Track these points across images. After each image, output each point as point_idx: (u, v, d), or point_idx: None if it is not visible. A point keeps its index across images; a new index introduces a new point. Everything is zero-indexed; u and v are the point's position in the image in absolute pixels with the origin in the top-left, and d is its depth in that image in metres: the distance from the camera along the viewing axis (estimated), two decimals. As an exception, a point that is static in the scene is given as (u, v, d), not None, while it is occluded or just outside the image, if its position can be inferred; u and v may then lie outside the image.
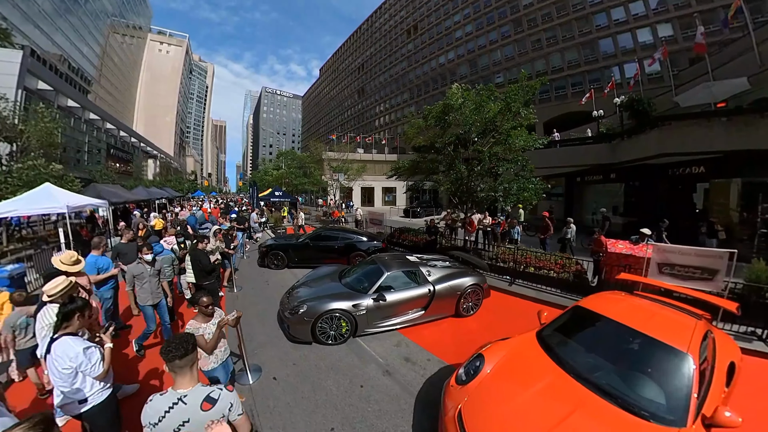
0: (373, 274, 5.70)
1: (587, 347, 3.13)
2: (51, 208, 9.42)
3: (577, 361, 2.90)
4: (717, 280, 5.08)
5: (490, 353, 3.13)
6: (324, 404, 3.60)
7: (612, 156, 14.86)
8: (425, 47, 50.21)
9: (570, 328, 3.46)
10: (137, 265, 4.57)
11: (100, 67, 50.30)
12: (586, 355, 3.03)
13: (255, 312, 6.15)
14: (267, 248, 9.45)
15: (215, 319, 3.11)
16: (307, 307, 4.79)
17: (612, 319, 3.15)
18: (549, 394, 2.56)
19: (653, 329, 2.88)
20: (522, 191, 9.41)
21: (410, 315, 5.51)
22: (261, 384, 3.92)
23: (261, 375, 4.07)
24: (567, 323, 3.52)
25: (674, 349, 2.66)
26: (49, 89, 26.30)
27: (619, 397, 2.43)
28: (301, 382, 3.98)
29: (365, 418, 3.40)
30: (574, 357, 2.98)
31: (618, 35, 29.30)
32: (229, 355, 3.21)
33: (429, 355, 4.69)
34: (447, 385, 3.00)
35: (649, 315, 3.21)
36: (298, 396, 3.72)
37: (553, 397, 2.53)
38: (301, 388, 3.85)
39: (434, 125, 10.53)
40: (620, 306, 3.45)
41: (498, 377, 2.83)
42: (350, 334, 4.98)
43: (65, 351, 2.22)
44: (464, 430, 2.43)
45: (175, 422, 1.62)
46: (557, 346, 3.14)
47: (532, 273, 7.77)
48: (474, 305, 6.16)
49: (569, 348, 3.17)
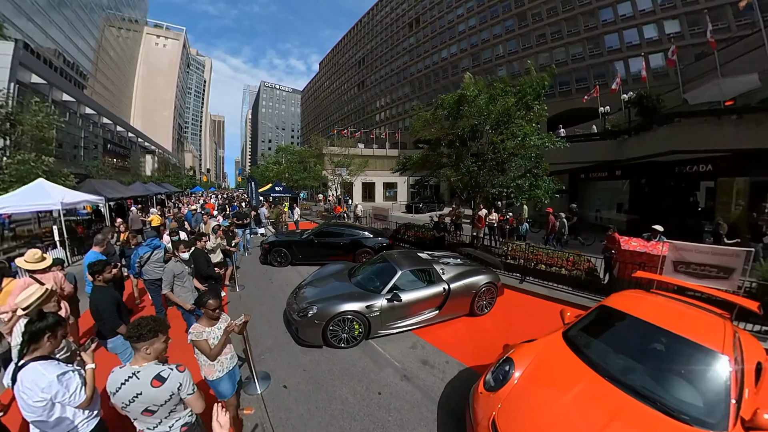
0: (385, 272, 5.41)
1: (618, 348, 3.01)
2: (45, 204, 9.11)
3: (610, 364, 2.77)
4: (733, 279, 5.01)
5: (519, 357, 2.95)
6: (341, 414, 3.32)
7: (618, 153, 14.63)
8: (427, 41, 49.45)
9: (597, 329, 3.34)
10: (176, 263, 4.31)
11: (96, 61, 49.47)
12: (618, 356, 2.91)
13: (260, 313, 5.85)
14: (270, 245, 9.13)
15: (221, 323, 2.81)
16: (317, 309, 4.48)
17: (641, 319, 3.04)
18: (586, 400, 2.42)
19: (685, 329, 2.78)
20: (534, 188, 9.23)
21: (424, 315, 5.26)
22: (271, 393, 3.62)
23: (270, 383, 3.77)
24: (594, 323, 3.39)
25: (710, 350, 2.57)
26: (43, 83, 25.71)
27: (658, 401, 2.33)
28: (314, 390, 3.69)
29: (386, 428, 3.14)
30: (605, 359, 2.85)
31: (624, 30, 28.90)
32: (236, 363, 2.91)
33: (447, 357, 4.46)
34: (475, 392, 2.82)
35: (677, 314, 3.11)
36: (312, 406, 3.43)
37: (590, 402, 2.41)
38: (314, 397, 3.56)
39: (447, 116, 10.22)
40: (647, 305, 3.33)
41: (530, 383, 2.67)
42: (363, 337, 4.69)
43: (35, 381, 1.81)
44: None
45: (129, 394, 1.78)
46: (587, 348, 3.01)
47: (542, 270, 7.57)
48: (488, 304, 5.96)
49: (599, 349, 3.03)
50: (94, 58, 48.49)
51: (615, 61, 29.38)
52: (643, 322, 3.01)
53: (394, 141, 44.52)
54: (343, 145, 28.48)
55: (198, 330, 2.66)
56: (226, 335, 2.75)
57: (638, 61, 24.81)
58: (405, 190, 40.35)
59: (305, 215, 22.15)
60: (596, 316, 3.45)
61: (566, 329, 3.35)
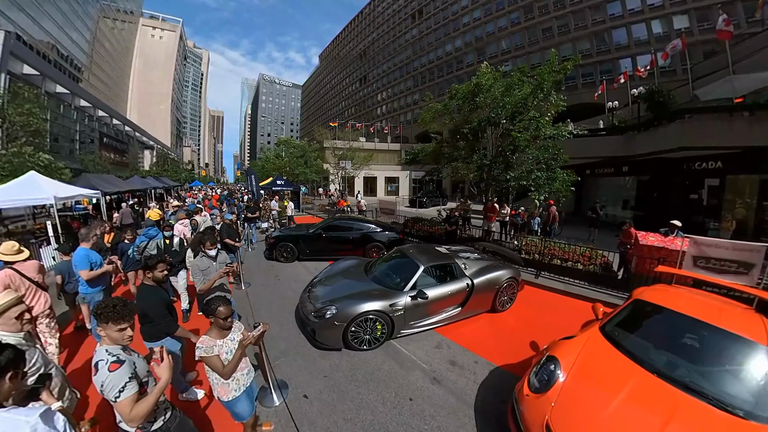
0: (405, 268, 5.02)
1: (659, 343, 2.95)
2: (37, 198, 8.67)
3: (656, 359, 2.72)
4: (752, 275, 5.00)
5: (562, 355, 2.82)
6: (372, 426, 2.95)
7: (626, 149, 14.46)
8: (430, 33, 48.38)
9: (635, 323, 3.29)
10: (202, 258, 4.02)
11: (91, 53, 48.37)
12: (661, 351, 2.84)
13: (269, 313, 5.45)
14: (275, 239, 8.71)
15: (233, 333, 2.38)
16: (336, 310, 4.08)
17: (681, 312, 3.00)
18: (640, 398, 2.34)
19: (725, 322, 2.75)
20: (551, 181, 9.01)
21: (447, 312, 4.94)
22: (290, 404, 3.22)
23: (288, 392, 3.38)
24: (631, 318, 3.32)
25: (755, 343, 2.55)
26: (35, 74, 24.94)
27: (711, 396, 2.28)
28: (339, 399, 3.30)
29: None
30: (650, 354, 2.79)
31: (632, 25, 28.29)
32: (253, 378, 2.50)
33: (475, 356, 4.20)
34: (520, 394, 2.65)
35: (713, 308, 3.08)
36: (338, 417, 3.04)
37: (645, 400, 2.33)
38: (340, 407, 3.18)
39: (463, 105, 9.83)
40: (681, 299, 3.29)
41: (579, 382, 2.55)
42: (386, 338, 4.31)
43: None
44: None
45: None
46: (628, 343, 2.94)
47: (558, 265, 7.43)
48: (509, 299, 5.72)
49: (641, 344, 2.96)
50: (88, 51, 47.38)
51: (622, 58, 28.88)
52: (683, 316, 2.95)
53: (396, 135, 43.93)
54: (345, 137, 27.89)
55: (207, 344, 2.22)
56: (241, 349, 2.33)
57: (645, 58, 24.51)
58: (407, 184, 39.91)
59: (307, 210, 21.74)
60: (632, 310, 3.37)
61: (602, 324, 3.24)
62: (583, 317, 5.22)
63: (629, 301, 3.52)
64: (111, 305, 1.73)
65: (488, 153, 9.80)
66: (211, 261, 4.07)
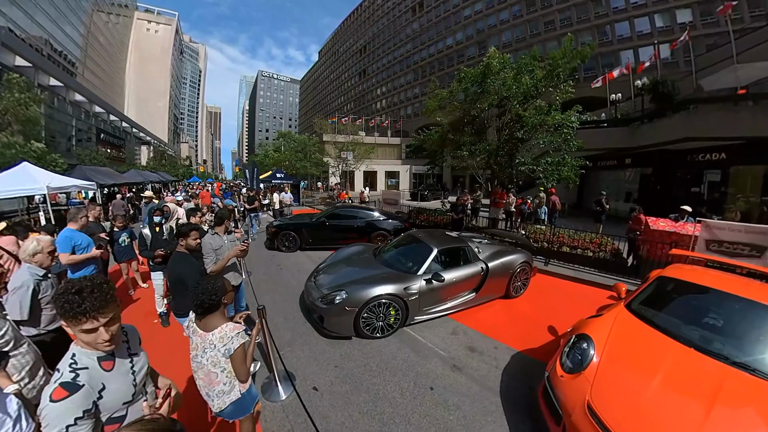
0: (418, 251, 4.72)
1: (691, 317, 2.86)
2: (30, 189, 8.35)
3: (690, 333, 2.63)
4: (765, 258, 4.95)
5: (594, 333, 2.68)
6: (392, 419, 2.64)
7: (630, 140, 14.38)
8: (431, 27, 47.58)
9: (663, 300, 3.21)
10: (214, 236, 3.65)
11: (86, 47, 47.51)
12: (695, 325, 2.75)
13: (272, 301, 5.10)
14: (277, 228, 8.36)
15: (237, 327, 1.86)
16: (347, 294, 3.75)
17: (709, 286, 2.96)
18: (683, 372, 2.25)
19: (755, 295, 2.71)
20: (560, 167, 8.91)
21: (461, 298, 4.67)
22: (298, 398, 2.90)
23: (296, 385, 3.04)
24: (657, 295, 3.24)
25: None
26: (28, 65, 24.36)
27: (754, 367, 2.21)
28: (353, 390, 2.98)
29: (450, 430, 2.57)
30: (683, 329, 2.70)
31: (635, 18, 27.96)
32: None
33: (494, 342, 3.98)
34: (554, 376, 2.49)
35: (739, 282, 3.06)
36: (353, 410, 2.72)
37: (689, 374, 2.24)
38: (355, 400, 2.86)
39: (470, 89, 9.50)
40: (705, 275, 3.25)
41: (615, 359, 2.43)
42: (400, 324, 4.00)
43: None
44: (606, 428, 1.93)
45: None
46: (659, 319, 2.85)
47: (567, 252, 7.41)
48: (522, 285, 5.49)
49: (672, 320, 2.87)
50: (83, 45, 46.55)
51: (624, 50, 28.60)
52: (712, 290, 2.92)
53: (396, 129, 43.47)
54: (345, 130, 27.45)
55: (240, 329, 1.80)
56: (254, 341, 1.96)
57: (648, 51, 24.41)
58: (407, 178, 39.59)
59: (307, 203, 21.38)
60: (656, 287, 3.29)
61: (628, 302, 3.16)
62: (598, 303, 5.16)
63: (653, 279, 3.43)
64: (70, 291, 1.13)
65: (499, 137, 9.51)
66: (223, 239, 3.73)
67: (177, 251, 2.86)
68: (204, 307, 1.78)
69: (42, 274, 2.41)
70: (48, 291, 2.38)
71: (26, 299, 2.21)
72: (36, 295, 2.29)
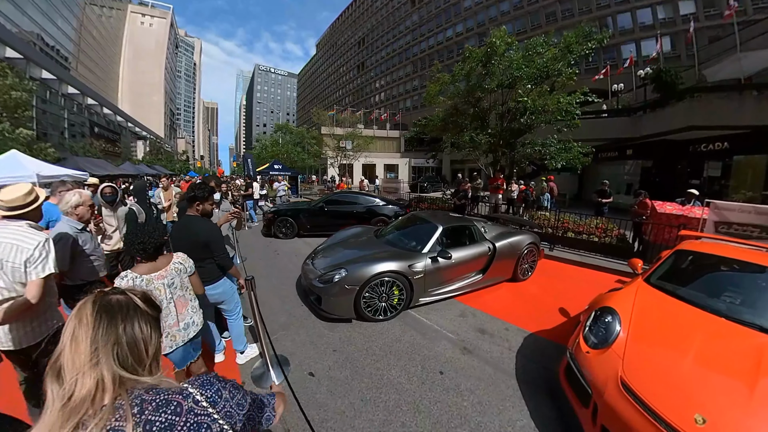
0: (422, 230, 4.41)
1: (716, 288, 2.71)
2: (18, 177, 7.99)
3: (718, 304, 2.49)
4: None
5: (617, 304, 2.51)
6: (398, 406, 2.33)
7: (632, 130, 14.32)
8: (431, 19, 46.67)
9: (684, 272, 3.09)
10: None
11: (79, 42, 46.63)
12: (721, 296, 2.60)
13: (268, 285, 4.79)
14: (274, 214, 8.02)
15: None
16: (346, 272, 3.42)
17: (730, 257, 2.86)
18: (719, 342, 2.11)
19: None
20: (564, 151, 8.87)
21: (468, 279, 4.38)
22: (293, 385, 2.55)
23: (290, 370, 2.72)
24: (677, 268, 3.13)
25: None
26: (19, 57, 23.73)
27: None
28: (354, 376, 2.66)
29: (464, 416, 2.28)
30: (709, 300, 2.55)
31: (637, 10, 27.36)
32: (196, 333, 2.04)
33: (505, 324, 3.74)
34: (579, 353, 2.27)
35: (756, 253, 2.93)
36: (355, 398, 2.40)
37: (725, 344, 2.10)
38: (356, 385, 2.54)
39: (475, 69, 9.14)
40: (723, 248, 3.15)
41: (643, 331, 2.24)
42: (404, 305, 3.67)
43: None
44: (645, 404, 1.73)
45: None
46: (682, 291, 2.71)
47: (571, 238, 7.34)
48: (530, 267, 5.24)
49: (697, 291, 2.72)
50: (76, 39, 45.67)
51: (626, 43, 28.09)
52: (734, 260, 2.83)
53: (395, 122, 42.92)
54: (344, 122, 26.99)
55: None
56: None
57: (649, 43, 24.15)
58: (406, 171, 39.16)
59: (305, 195, 21.01)
60: (675, 260, 3.19)
61: (647, 276, 3.03)
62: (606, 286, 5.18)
63: (671, 252, 3.34)
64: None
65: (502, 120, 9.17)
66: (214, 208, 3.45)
67: (190, 215, 2.58)
68: (156, 246, 1.84)
69: (80, 227, 2.46)
70: (87, 243, 2.46)
71: (66, 250, 2.26)
72: (76, 246, 2.34)
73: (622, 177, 16.54)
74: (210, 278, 2.46)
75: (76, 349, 0.63)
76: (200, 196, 2.51)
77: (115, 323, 0.68)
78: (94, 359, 0.62)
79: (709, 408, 1.62)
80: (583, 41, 8.35)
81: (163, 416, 0.63)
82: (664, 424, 1.60)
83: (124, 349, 0.67)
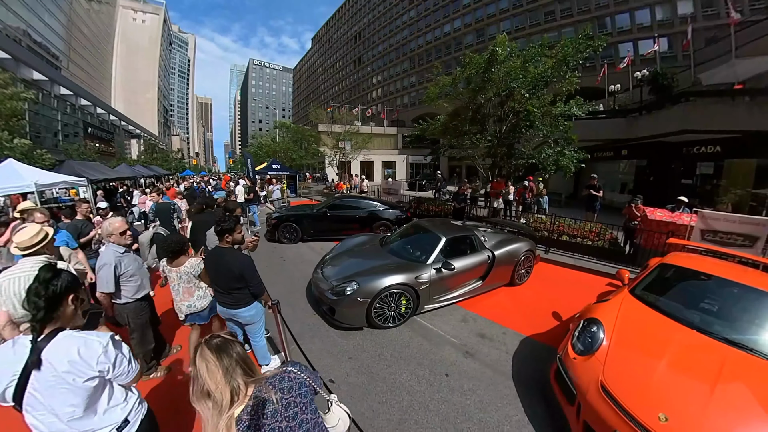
0: (425, 240, 4.71)
1: (693, 302, 3.01)
2: (17, 186, 8.02)
3: (693, 317, 2.78)
4: (756, 248, 5.20)
5: (602, 316, 2.80)
6: (411, 407, 2.67)
7: (628, 131, 14.49)
8: (429, 14, 46.41)
9: (665, 285, 3.37)
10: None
11: (69, 39, 45.80)
12: (696, 309, 2.91)
13: (278, 294, 4.99)
14: (278, 220, 8.27)
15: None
16: (358, 285, 3.72)
17: (709, 273, 3.14)
18: (689, 352, 2.40)
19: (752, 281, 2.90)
20: (559, 156, 9.02)
21: (469, 286, 4.70)
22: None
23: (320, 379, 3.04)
24: (659, 281, 3.41)
25: None
26: (7, 57, 23.38)
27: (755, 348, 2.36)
28: (370, 381, 2.98)
29: (468, 414, 2.65)
30: (686, 313, 2.85)
31: (636, 10, 27.62)
32: None
33: (502, 328, 4.08)
34: (567, 358, 2.58)
35: (735, 269, 3.28)
36: (373, 401, 2.73)
37: (694, 354, 2.40)
38: (373, 390, 2.86)
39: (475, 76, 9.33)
40: (704, 263, 3.42)
41: (624, 341, 2.54)
42: (411, 313, 4.00)
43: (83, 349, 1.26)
44: (620, 405, 2.04)
45: None
46: (662, 304, 3.01)
47: (566, 241, 7.57)
48: (526, 273, 5.58)
49: (675, 304, 3.02)
50: (66, 36, 44.85)
51: (624, 42, 28.30)
52: (712, 276, 3.10)
53: (392, 119, 42.93)
54: (341, 120, 27.04)
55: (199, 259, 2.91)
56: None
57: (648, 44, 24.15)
58: (404, 168, 39.35)
59: (304, 194, 21.20)
60: (658, 273, 3.46)
61: (632, 288, 3.29)
62: (598, 289, 5.32)
63: (654, 266, 3.59)
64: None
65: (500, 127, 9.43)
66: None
67: (221, 247, 2.77)
68: (175, 251, 2.80)
69: (122, 251, 2.73)
70: (131, 266, 2.73)
71: (110, 275, 2.57)
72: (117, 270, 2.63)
73: (617, 176, 16.87)
74: (245, 303, 2.70)
75: (213, 377, 1.02)
76: (227, 228, 2.67)
77: (228, 352, 1.07)
78: (227, 377, 1.02)
79: (672, 408, 1.94)
80: (583, 49, 8.46)
81: (285, 383, 1.09)
82: (635, 422, 1.93)
83: (242, 363, 1.08)
